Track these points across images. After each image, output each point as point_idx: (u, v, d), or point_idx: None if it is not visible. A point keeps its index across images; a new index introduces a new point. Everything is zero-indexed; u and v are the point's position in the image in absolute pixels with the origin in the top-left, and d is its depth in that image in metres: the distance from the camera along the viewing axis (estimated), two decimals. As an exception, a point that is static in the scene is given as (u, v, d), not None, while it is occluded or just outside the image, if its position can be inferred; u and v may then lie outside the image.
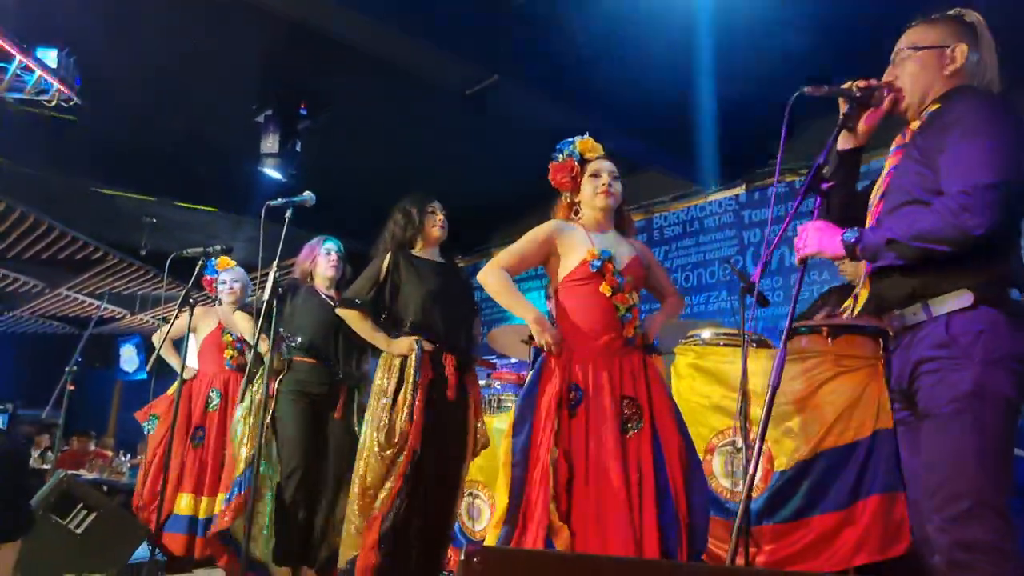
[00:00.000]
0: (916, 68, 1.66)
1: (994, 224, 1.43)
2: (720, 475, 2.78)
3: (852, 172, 1.78)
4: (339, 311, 2.76)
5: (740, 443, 2.61)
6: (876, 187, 1.72)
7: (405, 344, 2.61)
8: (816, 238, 1.63)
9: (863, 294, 1.71)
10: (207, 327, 4.00)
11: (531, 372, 2.23)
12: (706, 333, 3.10)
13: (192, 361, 4.02)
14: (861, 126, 1.73)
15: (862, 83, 1.70)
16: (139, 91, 4.81)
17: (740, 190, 5.41)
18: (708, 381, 2.90)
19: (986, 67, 1.65)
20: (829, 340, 2.73)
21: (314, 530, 3.00)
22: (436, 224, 2.83)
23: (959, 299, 1.51)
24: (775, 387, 1.56)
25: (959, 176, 1.49)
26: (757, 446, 1.53)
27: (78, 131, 4.86)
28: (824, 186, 1.70)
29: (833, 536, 2.52)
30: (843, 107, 1.74)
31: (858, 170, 1.80)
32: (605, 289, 2.24)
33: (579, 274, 2.26)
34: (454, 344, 2.67)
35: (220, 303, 3.99)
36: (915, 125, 1.67)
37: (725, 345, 2.99)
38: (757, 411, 2.74)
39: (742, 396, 2.61)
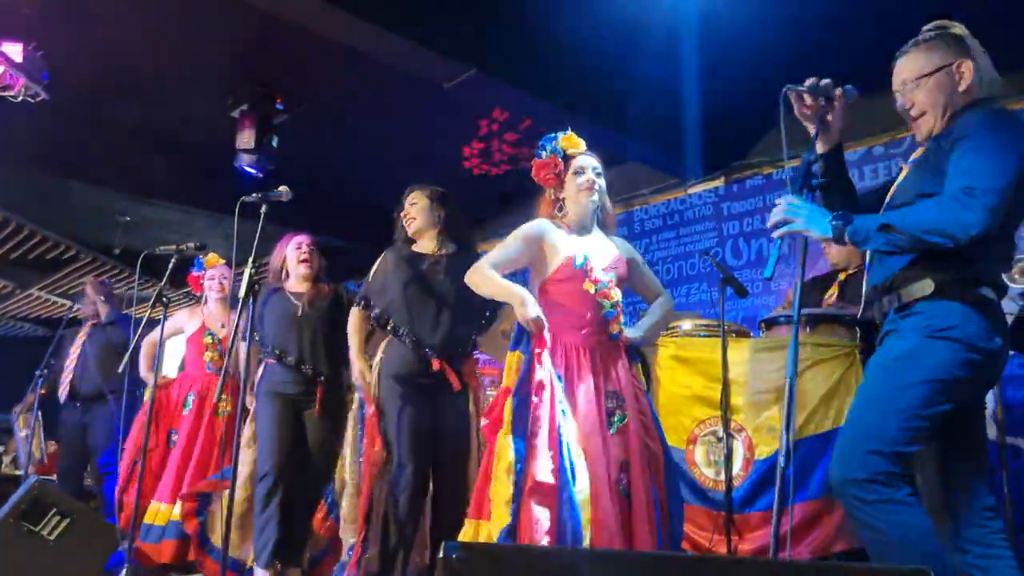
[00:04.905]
0: (931, 93, 1.72)
1: (988, 226, 1.51)
2: (702, 464, 2.80)
3: (839, 171, 1.85)
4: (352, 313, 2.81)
5: (722, 432, 2.62)
6: (888, 197, 1.79)
7: (355, 369, 2.70)
8: (806, 215, 1.66)
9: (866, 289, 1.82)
10: (192, 327, 3.92)
11: (521, 362, 2.13)
12: (686, 324, 3.11)
13: (170, 366, 3.96)
14: (833, 124, 1.81)
15: (822, 81, 1.78)
16: (110, 86, 4.71)
17: (719, 183, 5.44)
18: (689, 372, 2.92)
19: (984, 71, 1.72)
20: (807, 329, 2.75)
21: (294, 530, 2.96)
22: (409, 214, 2.80)
23: (922, 288, 1.63)
24: (792, 378, 1.60)
25: (963, 177, 1.57)
26: (784, 439, 1.59)
27: (47, 127, 4.75)
28: (814, 183, 1.77)
29: (814, 523, 2.54)
30: (823, 112, 1.78)
31: (844, 168, 1.87)
32: (589, 287, 2.24)
33: (563, 273, 2.25)
34: (435, 341, 2.63)
35: (206, 301, 3.92)
36: (929, 141, 1.74)
37: (705, 336, 3.01)
38: (738, 400, 2.76)
39: (723, 386, 2.62)
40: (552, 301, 2.25)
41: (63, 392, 4.39)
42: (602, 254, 2.32)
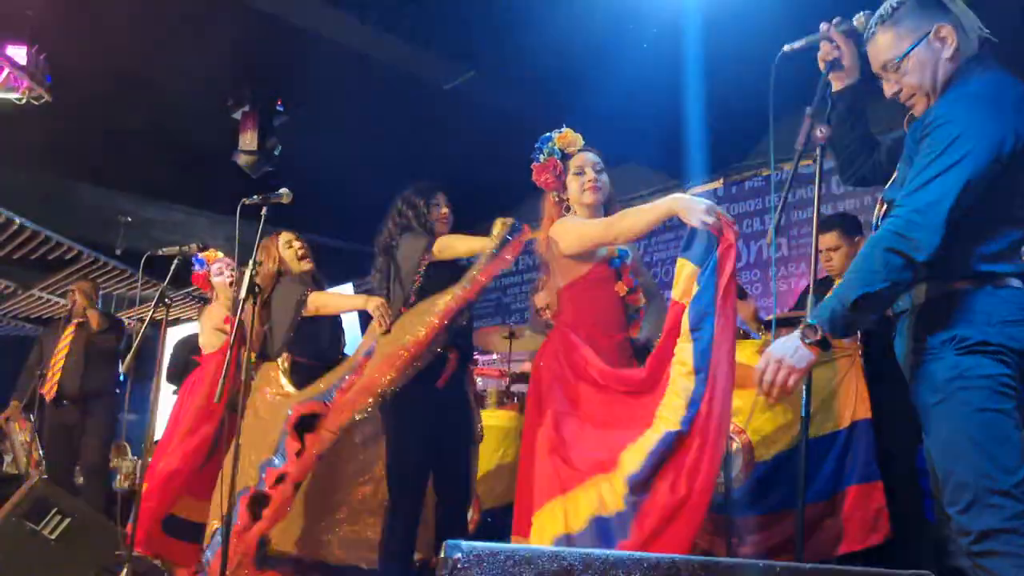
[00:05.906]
0: (915, 74, 1.56)
1: (933, 241, 1.41)
2: (702, 467, 2.80)
3: (852, 107, 1.76)
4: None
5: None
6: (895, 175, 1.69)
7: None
8: (787, 357, 1.52)
9: None
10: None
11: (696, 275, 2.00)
12: (687, 326, 3.11)
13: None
14: (845, 61, 1.74)
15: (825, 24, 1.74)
16: (112, 88, 4.72)
17: (718, 184, 5.44)
18: (689, 374, 2.91)
19: (967, 24, 1.55)
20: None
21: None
22: (440, 218, 2.73)
23: (932, 286, 1.51)
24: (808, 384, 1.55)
25: (908, 190, 1.47)
26: (803, 442, 1.50)
27: (49, 128, 4.76)
28: (820, 134, 1.70)
29: (815, 526, 2.54)
30: (828, 53, 1.74)
31: (858, 104, 1.76)
32: (621, 288, 2.17)
33: (597, 273, 2.16)
34: (455, 338, 2.59)
35: (216, 296, 3.74)
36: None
37: (706, 338, 3.00)
38: (738, 402, 2.76)
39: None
40: (579, 304, 2.16)
41: (51, 392, 4.36)
42: (627, 254, 2.26)
